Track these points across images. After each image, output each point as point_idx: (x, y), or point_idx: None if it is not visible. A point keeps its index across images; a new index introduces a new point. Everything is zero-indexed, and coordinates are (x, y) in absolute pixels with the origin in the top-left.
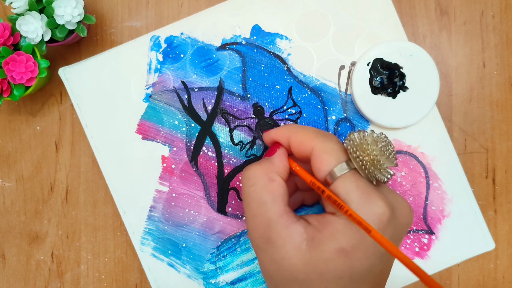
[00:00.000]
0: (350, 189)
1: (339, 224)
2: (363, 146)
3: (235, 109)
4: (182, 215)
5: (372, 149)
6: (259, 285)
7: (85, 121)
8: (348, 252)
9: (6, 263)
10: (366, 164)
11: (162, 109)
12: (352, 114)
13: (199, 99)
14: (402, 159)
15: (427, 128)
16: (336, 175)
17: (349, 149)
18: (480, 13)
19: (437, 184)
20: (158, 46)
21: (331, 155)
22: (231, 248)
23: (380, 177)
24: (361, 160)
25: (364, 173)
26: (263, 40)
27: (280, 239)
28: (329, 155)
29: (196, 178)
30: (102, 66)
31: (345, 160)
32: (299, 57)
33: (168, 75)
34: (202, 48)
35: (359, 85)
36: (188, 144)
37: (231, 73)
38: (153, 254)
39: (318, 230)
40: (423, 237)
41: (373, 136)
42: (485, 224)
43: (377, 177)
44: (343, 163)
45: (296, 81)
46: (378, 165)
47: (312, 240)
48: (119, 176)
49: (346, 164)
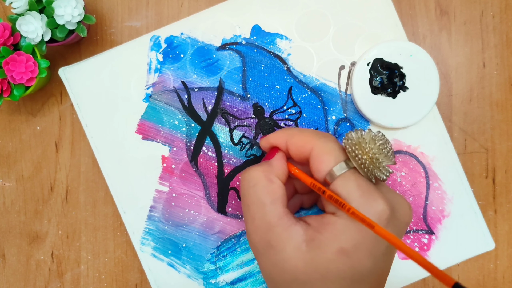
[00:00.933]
0: (350, 188)
1: (340, 224)
2: (361, 145)
3: (235, 109)
4: (182, 215)
5: (370, 147)
6: (259, 285)
7: (85, 121)
8: (349, 252)
9: (6, 263)
10: (365, 163)
11: (162, 109)
12: (352, 114)
13: (199, 99)
14: (402, 159)
15: (427, 128)
16: (335, 174)
17: (347, 148)
18: (480, 13)
19: (437, 184)
20: (158, 46)
21: (330, 155)
22: (231, 248)
23: (379, 175)
24: (360, 159)
25: (364, 171)
26: (263, 40)
27: (280, 241)
28: (328, 155)
29: (196, 178)
30: (102, 66)
31: (344, 159)
32: (299, 57)
33: (168, 75)
34: (202, 48)
35: (359, 85)
36: (188, 144)
37: (231, 73)
38: (153, 254)
39: (318, 231)
40: (423, 237)
41: (371, 134)
42: (485, 224)
43: (376, 175)
44: (342, 162)
45: (296, 81)
46: (377, 163)
47: (312, 241)
48: (119, 176)
49: (345, 163)
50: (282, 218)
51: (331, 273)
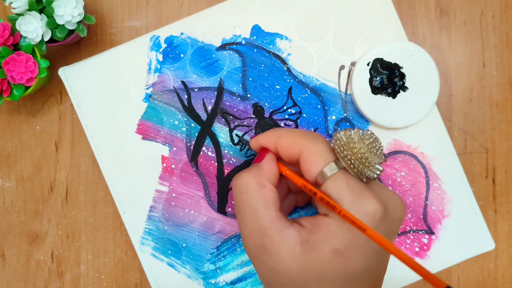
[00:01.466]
0: (341, 189)
1: (332, 226)
2: (350, 145)
3: (235, 109)
4: (182, 215)
5: (359, 147)
6: (259, 285)
7: (85, 121)
8: (342, 253)
9: (6, 263)
10: (355, 163)
11: (162, 109)
12: (352, 114)
13: (199, 99)
14: (402, 159)
15: (427, 128)
16: (326, 175)
17: (336, 149)
18: (480, 13)
19: (437, 184)
20: (158, 46)
21: (320, 156)
22: (231, 248)
23: (369, 174)
24: (349, 159)
25: (353, 171)
26: (263, 40)
27: (274, 245)
28: (317, 156)
29: (196, 178)
30: (102, 66)
31: (333, 160)
32: (299, 57)
33: (168, 75)
34: (202, 48)
35: (359, 85)
36: (188, 144)
37: (231, 73)
38: (153, 254)
39: (312, 233)
40: (423, 237)
41: (359, 133)
42: (485, 224)
43: (366, 174)
44: (332, 163)
45: (296, 81)
46: (367, 162)
47: (306, 243)
48: (119, 176)
49: (335, 164)
50: (275, 221)
51: (326, 274)
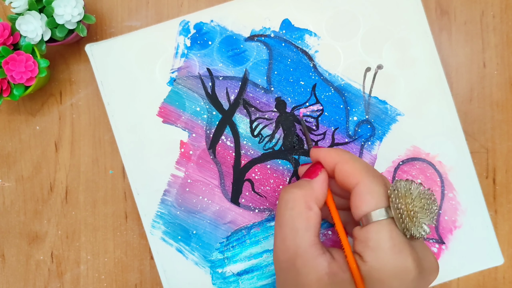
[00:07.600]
0: (383, 238)
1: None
2: (407, 199)
3: (258, 101)
4: (195, 202)
5: (414, 204)
6: (265, 279)
7: (107, 99)
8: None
9: (6, 263)
10: (405, 218)
11: (185, 94)
12: (374, 117)
13: (223, 87)
14: (419, 166)
15: (447, 138)
16: (372, 219)
17: (391, 198)
18: (480, 13)
19: (452, 195)
20: (187, 31)
21: (373, 198)
22: (241, 239)
23: (414, 232)
24: (401, 212)
25: (400, 225)
26: (292, 34)
27: (305, 267)
28: (371, 197)
29: (212, 166)
30: (129, 46)
31: (385, 206)
32: (326, 55)
33: (194, 61)
34: (230, 37)
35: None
36: (208, 131)
37: (257, 65)
38: (163, 238)
39: (341, 270)
40: (433, 246)
41: (419, 190)
42: (495, 239)
43: (411, 231)
44: (382, 209)
45: (321, 78)
46: (416, 220)
47: (334, 276)
48: (135, 156)
49: (385, 210)
50: (312, 246)
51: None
